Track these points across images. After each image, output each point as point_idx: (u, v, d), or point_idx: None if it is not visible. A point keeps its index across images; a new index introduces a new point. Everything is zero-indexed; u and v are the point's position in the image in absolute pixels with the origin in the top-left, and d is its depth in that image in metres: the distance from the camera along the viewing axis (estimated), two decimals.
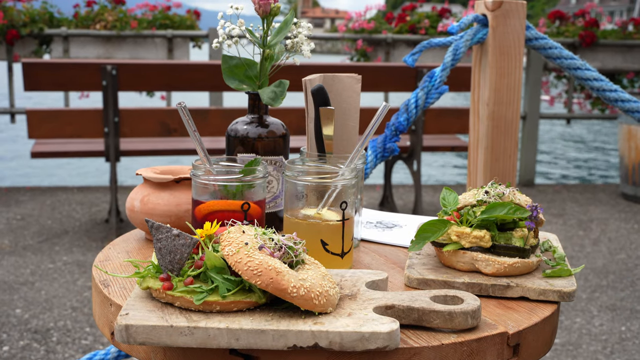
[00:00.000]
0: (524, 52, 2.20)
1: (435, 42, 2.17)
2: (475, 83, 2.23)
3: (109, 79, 4.72)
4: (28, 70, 4.70)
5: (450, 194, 1.36)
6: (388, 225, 1.68)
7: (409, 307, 1.06)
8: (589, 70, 2.23)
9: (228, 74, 1.51)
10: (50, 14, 7.03)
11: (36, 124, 4.80)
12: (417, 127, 5.30)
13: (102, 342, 3.32)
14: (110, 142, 4.83)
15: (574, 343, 3.47)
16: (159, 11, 7.33)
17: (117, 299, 1.18)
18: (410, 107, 2.16)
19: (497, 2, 2.12)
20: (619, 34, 7.61)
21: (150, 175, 1.50)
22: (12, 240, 4.85)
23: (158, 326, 0.98)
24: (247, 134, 1.49)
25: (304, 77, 1.48)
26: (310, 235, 1.29)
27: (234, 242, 1.04)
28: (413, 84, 5.26)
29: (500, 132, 2.18)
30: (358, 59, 7.65)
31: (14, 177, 9.01)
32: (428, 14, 7.73)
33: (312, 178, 1.30)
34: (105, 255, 1.43)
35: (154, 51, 7.09)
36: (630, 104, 2.21)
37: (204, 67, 5.09)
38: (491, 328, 1.09)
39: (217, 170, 1.33)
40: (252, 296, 1.03)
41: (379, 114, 1.34)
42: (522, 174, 7.24)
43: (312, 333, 0.97)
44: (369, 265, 1.41)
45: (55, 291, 3.92)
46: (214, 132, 5.05)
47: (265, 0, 1.46)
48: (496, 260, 1.24)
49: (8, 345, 3.24)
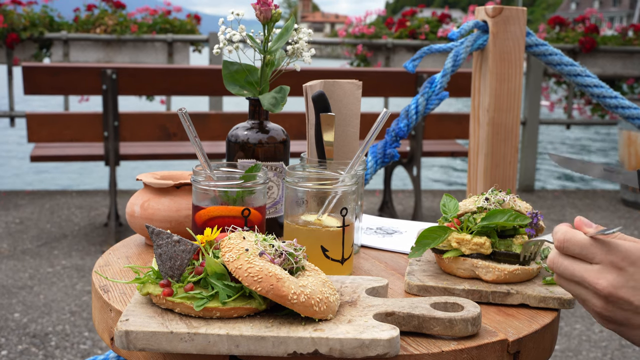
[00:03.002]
0: (524, 58, 2.20)
1: (435, 48, 2.17)
2: (475, 89, 2.23)
3: (108, 83, 4.73)
4: (28, 74, 4.70)
5: (451, 200, 1.36)
6: (388, 232, 1.68)
7: (409, 314, 1.06)
8: (589, 76, 2.23)
9: (229, 79, 1.51)
10: (51, 18, 7.04)
11: (36, 127, 4.80)
12: (417, 132, 5.30)
13: (101, 347, 3.31)
14: (110, 146, 4.83)
15: (573, 349, 3.47)
16: (159, 15, 7.34)
17: (117, 304, 1.18)
18: (410, 113, 2.16)
19: (497, 8, 2.13)
20: (619, 40, 7.62)
21: (150, 181, 1.50)
22: (10, 244, 4.85)
23: (158, 332, 0.98)
24: (247, 140, 1.49)
25: (305, 83, 1.48)
26: (311, 242, 1.29)
27: (234, 248, 1.04)
28: (413, 89, 5.27)
29: (500, 139, 2.18)
30: (358, 64, 7.66)
31: (13, 181, 9.01)
32: (428, 20, 7.74)
33: (313, 184, 1.30)
34: (105, 261, 1.43)
35: (154, 55, 7.10)
36: (631, 111, 2.21)
37: (204, 71, 5.09)
38: (491, 335, 1.09)
39: (218, 176, 1.33)
40: (253, 302, 1.03)
41: (380, 120, 1.34)
42: (521, 180, 7.24)
43: (312, 340, 0.97)
44: (369, 271, 1.41)
45: (54, 295, 3.92)
46: (214, 137, 5.05)
47: (266, 7, 1.46)
48: (496, 267, 1.24)
49: (6, 350, 3.23)
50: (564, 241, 1.02)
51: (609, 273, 0.97)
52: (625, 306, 0.97)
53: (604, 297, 0.98)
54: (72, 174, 9.65)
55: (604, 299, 0.98)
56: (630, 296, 0.97)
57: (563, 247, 1.02)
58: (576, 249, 1.00)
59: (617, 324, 1.00)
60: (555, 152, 13.17)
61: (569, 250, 1.01)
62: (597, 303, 0.99)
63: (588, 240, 1.00)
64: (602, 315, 1.00)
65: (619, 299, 0.97)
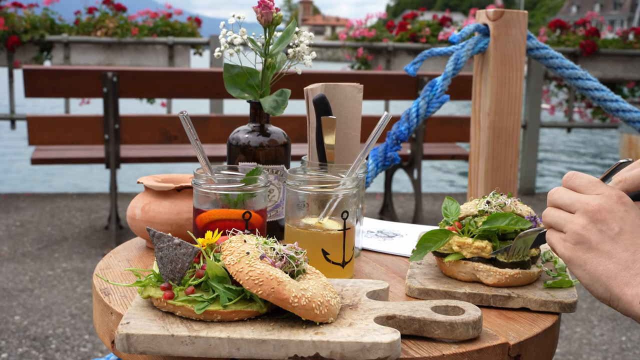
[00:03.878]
0: (524, 62, 2.20)
1: (436, 52, 2.17)
2: (476, 92, 2.23)
3: (109, 85, 4.73)
4: (29, 76, 4.70)
5: (452, 203, 1.36)
6: (389, 235, 1.68)
7: (410, 317, 1.06)
8: (590, 80, 2.23)
9: (230, 82, 1.51)
10: (52, 21, 7.05)
11: (36, 130, 4.80)
12: (417, 135, 5.30)
13: (101, 350, 3.31)
14: (111, 149, 4.83)
15: (574, 353, 3.46)
16: (160, 18, 7.35)
17: (117, 307, 1.18)
18: (411, 116, 2.16)
19: (498, 11, 2.13)
20: (619, 43, 7.62)
21: (151, 184, 1.50)
22: (11, 247, 4.85)
23: (159, 335, 0.98)
24: (248, 143, 1.49)
25: (306, 87, 1.48)
26: (311, 245, 1.29)
27: (235, 251, 1.04)
28: (414, 92, 5.27)
29: (501, 142, 2.18)
30: (359, 66, 7.66)
31: (14, 184, 9.01)
32: (429, 23, 7.74)
33: (314, 187, 1.30)
34: (106, 264, 1.42)
35: (155, 58, 7.10)
36: (632, 114, 2.21)
37: (205, 74, 5.09)
38: (492, 339, 1.08)
39: (219, 179, 1.33)
40: (253, 306, 1.03)
41: (381, 123, 1.34)
42: (522, 183, 7.24)
43: (313, 343, 0.97)
44: (370, 274, 1.41)
45: (54, 298, 3.92)
46: (214, 140, 5.05)
47: (268, 10, 1.46)
48: (497, 270, 1.24)
49: (7, 353, 3.23)
50: (573, 174, 1.07)
51: (603, 200, 1.02)
52: (604, 228, 1.00)
53: (590, 213, 1.01)
54: (72, 176, 9.65)
55: (588, 217, 1.01)
56: (613, 221, 1.00)
57: (570, 178, 1.07)
58: (584, 181, 1.05)
59: (587, 247, 1.01)
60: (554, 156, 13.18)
61: (576, 181, 1.06)
62: (580, 221, 1.02)
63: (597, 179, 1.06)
64: (578, 235, 1.02)
65: (602, 219, 1.01)
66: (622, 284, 0.98)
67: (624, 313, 0.99)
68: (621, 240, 0.99)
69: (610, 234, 1.00)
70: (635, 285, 0.96)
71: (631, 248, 0.99)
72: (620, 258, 0.99)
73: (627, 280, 0.98)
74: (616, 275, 0.98)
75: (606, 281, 0.99)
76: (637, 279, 0.97)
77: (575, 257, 1.03)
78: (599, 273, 1.00)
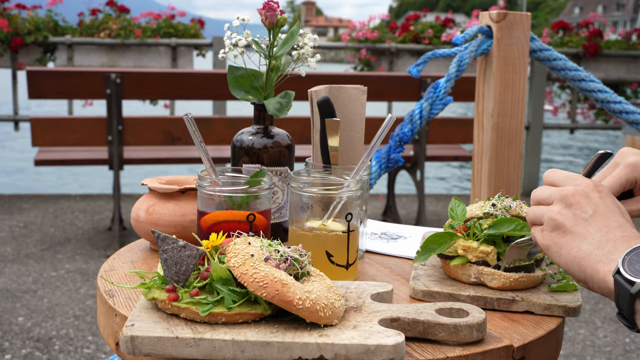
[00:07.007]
0: (527, 63, 2.20)
1: (439, 53, 2.17)
2: (479, 94, 2.23)
3: (113, 87, 4.73)
4: (32, 78, 4.71)
5: (459, 205, 1.36)
6: (393, 237, 1.68)
7: (414, 319, 1.06)
8: (593, 81, 2.23)
9: (234, 84, 1.51)
10: (55, 22, 7.05)
11: (40, 131, 4.81)
12: (420, 136, 5.30)
13: (105, 351, 3.32)
14: (114, 151, 4.84)
15: (577, 355, 3.46)
16: (163, 20, 7.35)
17: (122, 309, 1.18)
18: (414, 118, 2.16)
19: (501, 13, 2.13)
20: (622, 44, 7.62)
21: (155, 186, 1.50)
22: (14, 248, 4.86)
23: (164, 337, 0.98)
24: (252, 145, 1.49)
25: (310, 89, 1.48)
26: (315, 247, 1.29)
27: (239, 253, 1.04)
28: (417, 93, 5.27)
29: (504, 143, 2.18)
30: (362, 68, 7.66)
31: (17, 185, 9.02)
32: (432, 24, 7.74)
33: (318, 189, 1.30)
34: (110, 265, 1.43)
35: (158, 59, 7.11)
36: (635, 116, 2.21)
37: (208, 75, 5.09)
38: (496, 341, 1.08)
39: (223, 181, 1.33)
40: (258, 308, 1.03)
41: (385, 126, 1.34)
42: (525, 184, 7.24)
43: (318, 345, 0.97)
44: (373, 276, 1.41)
45: (58, 299, 3.92)
46: (218, 141, 5.05)
47: (272, 12, 1.46)
48: (502, 274, 1.24)
49: (10, 354, 3.23)
50: (552, 171, 1.12)
51: (579, 187, 1.05)
52: (578, 212, 1.03)
53: (565, 198, 1.04)
54: (75, 178, 9.66)
55: (563, 203, 1.04)
56: (587, 205, 1.03)
57: (549, 175, 1.11)
58: (562, 175, 1.10)
59: (563, 231, 1.03)
60: (557, 157, 13.16)
61: (554, 176, 1.10)
62: (555, 208, 1.05)
63: (576, 174, 1.09)
64: (553, 220, 1.04)
65: (577, 203, 1.03)
66: (595, 261, 0.99)
67: (599, 292, 1.00)
68: (594, 222, 1.02)
69: (584, 216, 1.02)
70: (608, 262, 0.97)
71: (604, 229, 1.00)
72: (593, 238, 1.00)
73: (599, 257, 0.99)
74: (589, 255, 1.00)
75: (579, 262, 1.01)
76: (610, 256, 0.98)
77: (552, 244, 1.05)
78: (573, 255, 1.02)
